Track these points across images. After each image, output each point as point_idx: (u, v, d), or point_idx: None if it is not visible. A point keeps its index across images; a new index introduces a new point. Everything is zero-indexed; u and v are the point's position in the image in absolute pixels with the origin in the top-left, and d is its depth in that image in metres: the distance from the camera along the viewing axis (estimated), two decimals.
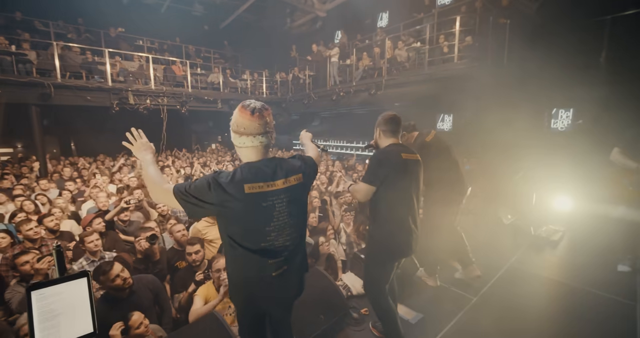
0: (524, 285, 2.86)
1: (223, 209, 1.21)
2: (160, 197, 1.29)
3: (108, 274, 2.07)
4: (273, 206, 1.25)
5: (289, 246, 1.32)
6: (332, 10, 11.73)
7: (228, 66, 11.09)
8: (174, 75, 9.29)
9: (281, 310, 1.46)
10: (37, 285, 1.00)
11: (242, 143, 1.27)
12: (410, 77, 6.78)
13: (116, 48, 8.76)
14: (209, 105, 9.77)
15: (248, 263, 1.28)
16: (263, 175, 1.24)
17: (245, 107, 1.25)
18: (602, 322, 2.33)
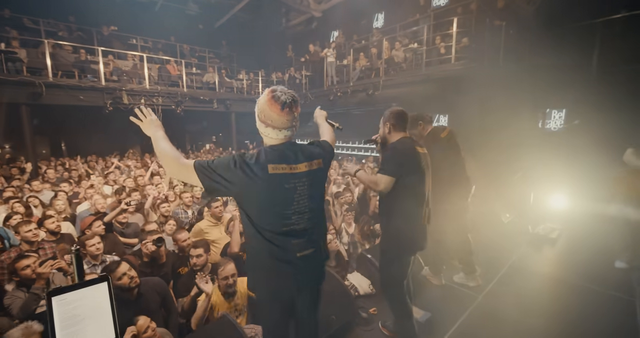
0: (526, 283, 2.90)
1: (244, 188, 1.20)
2: (178, 172, 1.24)
3: (115, 272, 2.03)
4: (295, 189, 1.25)
5: (309, 230, 1.31)
6: (328, 10, 11.75)
7: (223, 66, 10.99)
8: (169, 74, 9.17)
9: (307, 301, 1.41)
10: (58, 291, 0.97)
11: (266, 133, 1.27)
12: (408, 78, 6.83)
13: (109, 47, 8.60)
14: (205, 105, 9.67)
15: (272, 245, 1.25)
16: (286, 158, 1.25)
17: (276, 100, 1.21)
18: (603, 318, 2.39)
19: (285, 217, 1.25)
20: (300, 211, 1.27)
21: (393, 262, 1.90)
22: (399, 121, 1.91)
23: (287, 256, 1.27)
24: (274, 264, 1.28)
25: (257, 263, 1.33)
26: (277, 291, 1.33)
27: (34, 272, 2.30)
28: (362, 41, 9.77)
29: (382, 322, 2.26)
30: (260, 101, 1.27)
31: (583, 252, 3.53)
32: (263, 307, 1.40)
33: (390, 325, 2.18)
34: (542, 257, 3.54)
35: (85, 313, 1.00)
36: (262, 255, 1.29)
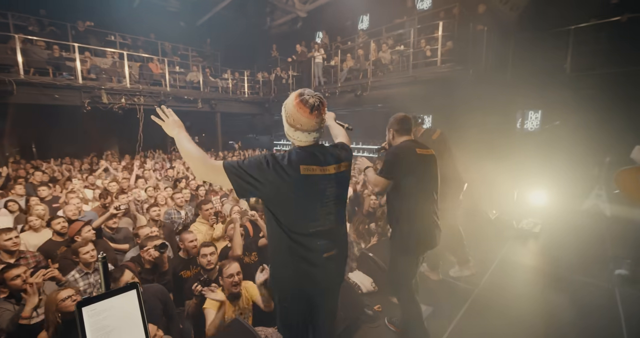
0: (517, 275, 3.09)
1: (276, 189, 1.20)
2: (206, 174, 1.23)
3: (118, 282, 1.96)
4: (324, 190, 1.27)
5: (333, 230, 1.33)
6: (313, 11, 11.76)
7: (207, 65, 10.75)
8: (151, 73, 8.85)
9: (329, 302, 1.43)
10: (88, 301, 0.94)
11: (296, 137, 1.27)
12: (395, 79, 6.98)
13: (85, 43, 8.17)
14: (189, 104, 9.42)
15: (299, 246, 1.26)
16: (317, 159, 1.26)
17: (304, 103, 1.21)
18: (587, 304, 2.59)
19: (313, 218, 1.27)
20: (327, 212, 1.30)
21: (403, 262, 1.95)
22: (401, 126, 1.98)
23: (313, 257, 1.29)
24: (300, 265, 1.29)
25: (283, 265, 1.33)
26: (302, 292, 1.34)
27: (24, 282, 2.17)
28: (347, 42, 9.86)
29: (388, 318, 2.32)
30: (287, 105, 1.26)
31: (564, 245, 3.77)
32: (286, 308, 1.40)
33: (396, 321, 2.24)
34: (528, 250, 3.75)
35: (115, 323, 0.97)
36: (289, 257, 1.29)
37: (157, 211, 3.90)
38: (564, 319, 2.38)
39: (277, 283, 1.41)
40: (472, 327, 2.28)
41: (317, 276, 1.32)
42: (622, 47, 5.53)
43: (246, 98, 10.89)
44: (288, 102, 1.27)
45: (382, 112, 9.70)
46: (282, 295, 1.39)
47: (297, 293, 1.34)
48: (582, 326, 2.27)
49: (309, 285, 1.33)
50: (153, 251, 2.49)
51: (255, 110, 11.33)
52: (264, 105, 10.90)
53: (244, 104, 10.97)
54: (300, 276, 1.31)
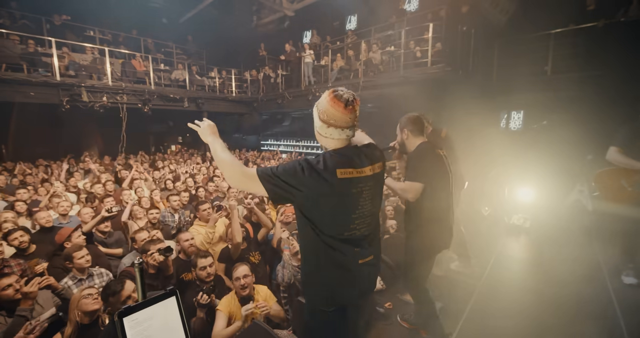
0: (514, 268, 3.22)
1: (312, 195, 1.17)
2: (241, 182, 1.20)
3: (119, 295, 1.85)
4: (361, 193, 1.25)
5: (369, 235, 1.31)
6: (300, 10, 11.70)
7: (192, 63, 10.45)
8: (134, 70, 8.50)
9: (362, 308, 1.42)
10: (128, 310, 0.88)
11: (329, 134, 1.24)
12: (387, 79, 7.07)
13: (61, 38, 7.72)
14: (175, 103, 9.12)
15: (335, 252, 1.23)
16: (352, 161, 1.24)
17: (338, 98, 1.20)
18: (581, 292, 2.75)
19: (349, 222, 1.24)
20: (363, 215, 1.27)
21: (421, 262, 1.96)
22: (416, 126, 1.97)
23: (349, 263, 1.26)
24: (335, 272, 1.26)
25: (317, 272, 1.30)
26: (337, 299, 1.31)
27: (17, 291, 2.02)
28: (337, 42, 9.89)
29: (401, 315, 2.33)
30: (321, 103, 1.24)
31: (553, 239, 3.95)
32: (317, 315, 1.36)
33: (409, 318, 2.26)
34: (522, 244, 3.91)
35: (157, 334, 0.91)
36: (324, 263, 1.26)
37: (154, 214, 3.75)
38: (563, 309, 2.49)
39: (310, 290, 1.37)
40: (480, 321, 2.34)
41: (353, 283, 1.29)
42: (598, 51, 5.87)
43: (234, 97, 10.68)
44: (321, 100, 1.25)
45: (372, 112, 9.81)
46: (314, 301, 1.35)
47: (330, 299, 1.31)
48: (581, 313, 2.40)
49: (344, 292, 1.31)
50: (158, 255, 2.38)
51: (242, 109, 11.14)
52: (252, 104, 10.73)
53: (231, 103, 10.76)
54: (336, 283, 1.28)
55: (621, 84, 5.57)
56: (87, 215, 3.59)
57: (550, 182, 5.32)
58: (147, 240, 2.76)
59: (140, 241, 3.03)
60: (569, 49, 6.33)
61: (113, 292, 1.89)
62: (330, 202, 1.20)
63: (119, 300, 1.89)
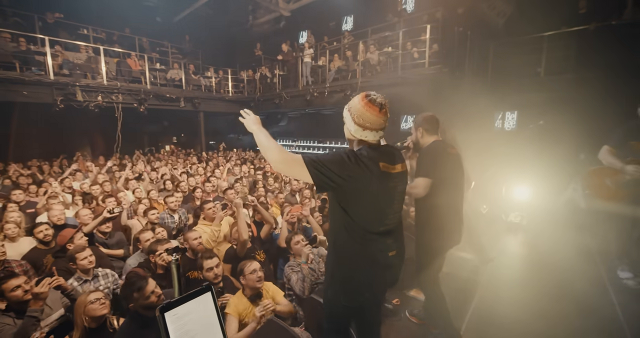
0: (515, 264, 3.32)
1: (355, 184, 1.21)
2: (287, 167, 1.24)
3: (143, 291, 1.85)
4: (395, 187, 1.31)
5: (396, 230, 1.38)
6: (297, 10, 11.71)
7: (188, 62, 10.35)
8: (130, 69, 8.39)
9: (380, 302, 1.45)
10: (169, 306, 0.89)
11: (364, 136, 1.28)
12: (384, 80, 7.13)
13: (54, 36, 7.57)
14: (171, 103, 9.03)
15: (369, 244, 1.28)
16: (388, 158, 1.30)
17: (373, 102, 1.25)
18: (580, 281, 2.91)
19: (385, 216, 1.29)
20: (394, 211, 1.32)
21: (434, 258, 2.00)
22: (431, 125, 2.01)
23: (381, 255, 1.31)
24: (368, 264, 1.30)
25: (349, 264, 1.33)
26: (363, 290, 1.35)
27: (26, 292, 1.99)
28: (333, 43, 9.93)
29: (409, 310, 2.38)
30: (354, 107, 1.28)
31: (550, 236, 4.08)
32: (342, 307, 1.39)
33: (418, 313, 2.30)
34: (520, 240, 4.01)
35: (196, 328, 0.93)
36: (356, 255, 1.30)
37: (155, 214, 3.73)
38: (563, 301, 2.59)
39: (336, 285, 1.39)
40: (486, 315, 2.42)
41: (382, 275, 1.34)
42: (589, 54, 6.04)
43: (230, 97, 10.63)
44: (354, 104, 1.29)
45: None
46: (338, 296, 1.38)
47: (356, 290, 1.34)
48: (579, 303, 2.54)
49: (373, 284, 1.35)
50: (166, 255, 2.38)
51: (239, 109, 10.82)
52: (249, 104, 10.68)
53: (228, 103, 10.70)
54: (366, 274, 1.32)
55: (612, 85, 5.74)
56: (86, 217, 3.54)
57: (545, 180, 5.46)
58: (154, 241, 2.75)
59: (144, 241, 3.02)
60: (561, 51, 6.49)
61: (138, 287, 1.89)
62: (370, 193, 1.24)
63: (143, 296, 1.88)
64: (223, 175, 6.83)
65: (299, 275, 2.38)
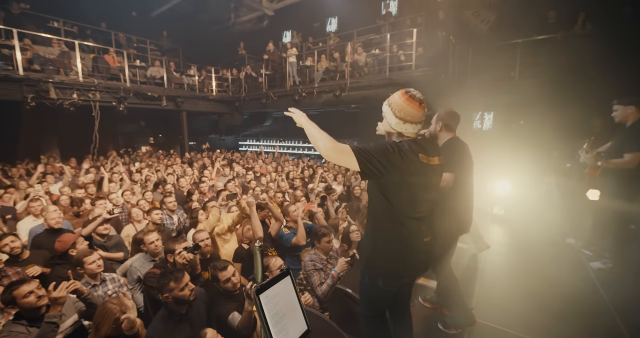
0: (510, 252, 3.64)
1: (398, 173, 1.29)
2: (336, 156, 1.29)
3: (180, 281, 1.83)
4: (432, 178, 1.40)
5: (430, 217, 1.47)
6: (280, 10, 11.70)
7: (167, 59, 9.99)
8: (107, 66, 7.95)
9: (411, 286, 1.57)
10: (262, 288, 0.94)
11: (404, 129, 1.37)
12: (373, 81, 7.34)
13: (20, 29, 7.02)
14: (152, 102, 8.67)
15: (406, 229, 1.37)
16: (426, 150, 1.39)
17: (413, 97, 1.35)
18: (559, 262, 3.33)
19: (421, 204, 1.39)
20: (430, 200, 1.42)
21: (450, 247, 2.14)
22: (453, 122, 2.12)
23: (417, 241, 1.41)
24: (405, 248, 1.39)
25: (388, 248, 1.42)
26: (403, 275, 1.45)
27: (39, 298, 1.89)
28: (319, 43, 10.04)
29: (422, 297, 2.51)
30: (395, 102, 1.38)
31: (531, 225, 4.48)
32: (381, 291, 1.48)
33: (431, 298, 2.45)
34: (506, 230, 4.35)
35: (283, 309, 0.98)
36: (395, 240, 1.39)
37: (159, 214, 3.59)
38: (550, 282, 2.91)
39: (375, 265, 1.47)
40: (487, 297, 2.66)
41: (418, 259, 1.44)
42: (558, 60, 6.60)
43: (214, 96, 10.39)
44: (394, 100, 1.38)
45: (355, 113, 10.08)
46: (377, 276, 1.46)
47: (395, 274, 1.44)
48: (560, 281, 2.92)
49: (410, 268, 1.45)
50: (186, 253, 2.34)
51: (223, 109, 10.85)
52: (234, 104, 10.50)
53: (211, 103, 10.45)
54: (404, 258, 1.42)
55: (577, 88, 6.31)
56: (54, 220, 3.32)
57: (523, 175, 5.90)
58: (170, 240, 2.68)
59: (149, 243, 2.93)
60: (533, 57, 7.04)
61: (175, 278, 1.87)
62: (410, 182, 1.33)
63: (179, 287, 1.87)
64: (212, 176, 6.70)
65: (320, 276, 2.38)
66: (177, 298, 1.82)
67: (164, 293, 1.81)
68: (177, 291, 1.81)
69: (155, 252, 2.92)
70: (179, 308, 1.89)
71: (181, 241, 2.48)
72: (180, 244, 2.42)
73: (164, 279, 1.87)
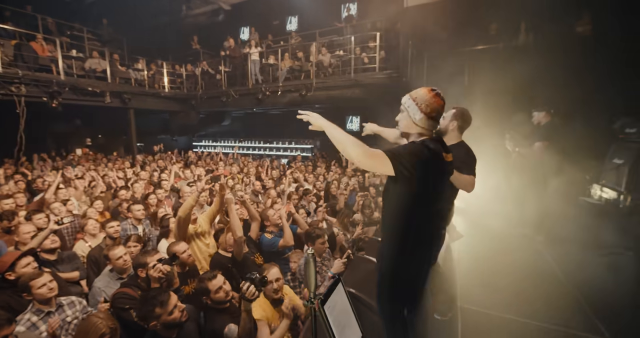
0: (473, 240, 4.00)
1: (426, 172, 1.31)
2: (372, 161, 1.26)
3: (166, 305, 1.61)
4: (447, 174, 1.47)
5: (446, 210, 1.57)
6: (238, 5, 11.26)
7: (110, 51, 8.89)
8: (35, 55, 6.80)
9: None
10: (325, 298, 0.87)
11: (427, 125, 1.40)
12: (339, 82, 7.45)
13: None
14: (93, 98, 7.65)
15: (431, 222, 1.42)
16: (445, 148, 1.44)
17: (438, 95, 1.39)
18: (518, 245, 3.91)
19: (441, 198, 1.46)
20: (447, 195, 1.53)
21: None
22: (466, 125, 2.10)
23: (437, 231, 1.50)
24: (427, 237, 1.43)
25: (413, 239, 1.41)
26: (426, 264, 1.47)
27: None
28: (280, 42, 9.86)
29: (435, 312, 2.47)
30: (421, 97, 1.38)
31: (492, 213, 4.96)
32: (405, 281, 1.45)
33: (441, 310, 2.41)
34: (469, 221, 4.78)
35: (341, 317, 0.92)
36: (421, 232, 1.41)
37: (114, 227, 3.17)
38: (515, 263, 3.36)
39: (391, 258, 1.44)
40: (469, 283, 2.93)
41: (436, 247, 1.53)
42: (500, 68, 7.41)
43: (167, 93, 9.56)
44: (420, 95, 1.39)
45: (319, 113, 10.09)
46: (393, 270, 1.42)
47: (419, 263, 1.43)
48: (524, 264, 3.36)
49: (427, 261, 1.47)
50: (162, 266, 2.08)
51: (177, 107, 10.05)
52: (190, 102, 9.79)
53: (163, 100, 9.59)
54: (427, 248, 1.45)
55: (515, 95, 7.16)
56: (26, 235, 2.81)
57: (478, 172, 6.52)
58: (139, 253, 2.38)
59: (116, 259, 2.57)
60: (479, 64, 7.81)
61: (161, 302, 1.66)
62: (435, 177, 1.37)
63: (167, 311, 1.67)
64: (171, 180, 6.17)
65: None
66: (167, 323, 1.61)
67: (151, 322, 1.60)
68: (165, 316, 1.60)
69: (124, 268, 2.57)
70: (169, 333, 1.67)
71: (153, 253, 2.20)
72: (153, 256, 2.14)
73: (147, 306, 1.64)
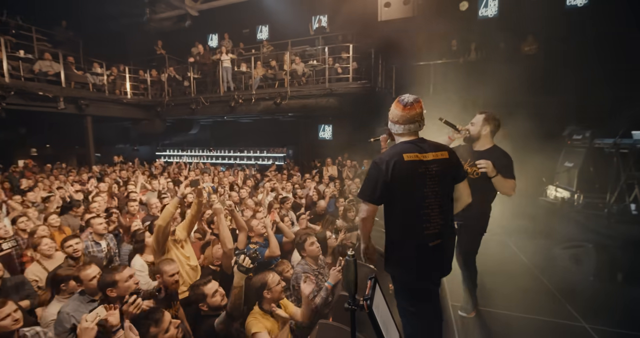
0: None
1: (395, 182, 1.47)
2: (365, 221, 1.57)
3: (161, 323, 1.50)
4: (425, 169, 1.50)
5: (440, 220, 1.50)
6: (206, 11, 11.02)
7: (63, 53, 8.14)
8: None
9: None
10: (371, 301, 0.87)
11: (395, 130, 1.65)
12: (313, 90, 7.55)
13: None
14: (44, 104, 6.92)
15: (408, 230, 1.49)
16: (417, 149, 1.54)
17: (399, 101, 1.63)
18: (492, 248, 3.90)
19: (422, 197, 1.49)
20: (434, 194, 1.50)
21: (475, 241, 2.23)
22: (496, 131, 2.14)
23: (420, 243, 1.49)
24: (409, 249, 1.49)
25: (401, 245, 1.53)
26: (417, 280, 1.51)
27: None
28: (251, 50, 9.79)
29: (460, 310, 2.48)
30: (391, 111, 1.66)
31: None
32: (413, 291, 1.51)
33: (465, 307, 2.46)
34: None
35: (384, 317, 0.93)
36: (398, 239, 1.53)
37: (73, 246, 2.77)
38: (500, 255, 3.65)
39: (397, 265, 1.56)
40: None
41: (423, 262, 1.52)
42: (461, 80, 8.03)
43: (129, 100, 8.95)
44: (391, 110, 1.65)
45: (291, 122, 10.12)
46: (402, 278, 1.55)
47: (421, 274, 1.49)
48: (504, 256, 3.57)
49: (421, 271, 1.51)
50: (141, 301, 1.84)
51: (141, 114, 9.43)
52: (155, 109, 9.25)
53: (126, 107, 8.96)
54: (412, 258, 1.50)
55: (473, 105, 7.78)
56: None
57: None
58: (106, 270, 2.11)
59: (89, 280, 2.30)
60: (442, 77, 8.40)
61: (155, 320, 1.56)
62: (408, 179, 1.47)
63: (162, 330, 1.56)
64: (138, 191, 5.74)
65: (312, 288, 2.12)
66: None
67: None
68: (161, 335, 1.49)
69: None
70: None
71: (122, 269, 1.99)
72: (122, 273, 1.94)
73: (141, 328, 1.52)
